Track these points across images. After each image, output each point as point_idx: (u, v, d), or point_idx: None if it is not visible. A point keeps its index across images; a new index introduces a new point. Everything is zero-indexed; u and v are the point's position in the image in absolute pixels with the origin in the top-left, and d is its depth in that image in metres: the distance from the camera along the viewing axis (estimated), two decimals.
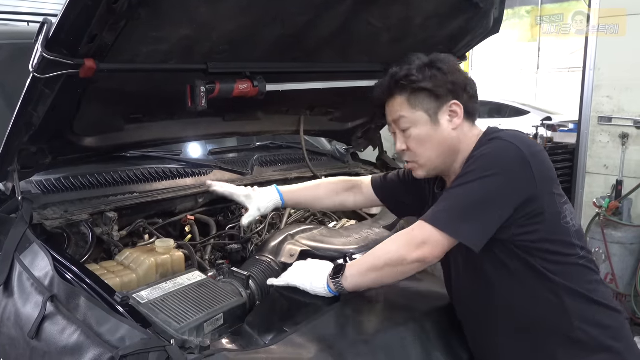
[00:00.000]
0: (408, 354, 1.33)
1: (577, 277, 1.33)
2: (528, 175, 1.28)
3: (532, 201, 1.28)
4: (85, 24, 1.30)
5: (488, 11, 2.21)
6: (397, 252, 1.31)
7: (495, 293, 1.37)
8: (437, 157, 1.43)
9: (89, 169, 1.94)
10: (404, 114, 1.42)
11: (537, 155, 1.31)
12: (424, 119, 1.41)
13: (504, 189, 1.27)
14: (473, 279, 1.41)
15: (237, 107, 2.14)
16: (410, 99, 1.41)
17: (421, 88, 1.39)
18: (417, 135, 1.42)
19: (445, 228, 1.27)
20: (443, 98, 1.39)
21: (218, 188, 1.80)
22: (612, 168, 3.82)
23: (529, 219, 1.29)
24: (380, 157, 2.93)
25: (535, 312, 1.34)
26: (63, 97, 1.49)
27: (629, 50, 3.62)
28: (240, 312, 1.43)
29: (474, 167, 1.31)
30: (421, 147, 1.43)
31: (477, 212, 1.28)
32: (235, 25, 1.63)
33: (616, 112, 3.75)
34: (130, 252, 1.64)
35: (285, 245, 1.75)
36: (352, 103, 2.57)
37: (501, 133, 1.38)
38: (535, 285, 1.32)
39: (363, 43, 2.07)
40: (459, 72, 1.43)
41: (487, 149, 1.33)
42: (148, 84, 1.75)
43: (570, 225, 1.34)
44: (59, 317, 1.28)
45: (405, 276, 1.36)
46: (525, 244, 1.30)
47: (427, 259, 1.29)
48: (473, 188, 1.29)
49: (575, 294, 1.32)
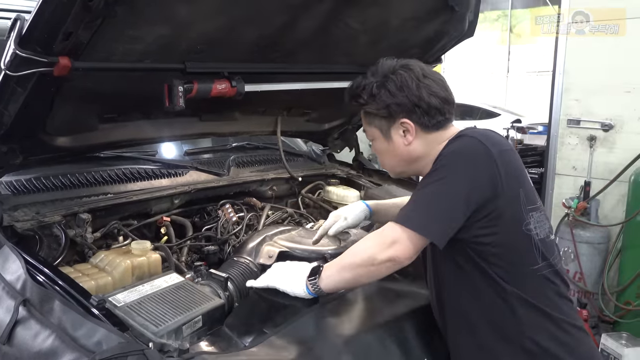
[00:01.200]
0: (388, 355, 1.34)
1: (533, 288, 1.33)
2: (493, 172, 1.28)
3: (495, 199, 1.28)
4: (60, 21, 1.27)
5: (463, 14, 2.24)
6: (367, 252, 1.32)
7: (450, 293, 1.39)
8: (397, 166, 1.52)
9: (61, 170, 1.89)
10: (365, 127, 1.52)
11: (504, 153, 1.33)
12: (378, 135, 1.48)
13: (469, 184, 1.28)
14: (436, 279, 1.43)
15: (213, 108, 2.12)
16: (365, 116, 1.49)
17: (367, 111, 1.46)
18: (376, 148, 1.51)
19: (413, 226, 1.28)
20: (392, 117, 1.42)
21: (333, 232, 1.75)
22: (580, 169, 3.91)
23: (489, 220, 1.29)
24: (357, 158, 2.94)
25: (484, 316, 1.34)
26: (36, 96, 1.46)
27: (597, 54, 3.71)
28: (218, 314, 1.41)
29: (439, 165, 1.33)
30: (382, 158, 1.54)
31: (442, 208, 1.29)
32: (212, 25, 1.62)
33: (584, 115, 3.84)
34: (105, 254, 1.60)
35: (264, 246, 1.74)
36: (329, 104, 2.58)
37: (469, 130, 1.39)
38: (485, 290, 1.33)
39: (341, 45, 2.08)
40: (409, 88, 1.40)
41: (453, 146, 1.35)
42: (123, 83, 1.72)
43: (533, 234, 1.33)
44: (32, 322, 1.24)
45: (379, 277, 1.35)
46: (482, 248, 1.31)
47: (398, 258, 1.29)
48: (440, 186, 1.30)
49: (530, 306, 1.31)
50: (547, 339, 1.31)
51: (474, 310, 1.36)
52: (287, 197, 2.58)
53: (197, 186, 2.18)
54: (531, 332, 1.31)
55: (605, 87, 3.73)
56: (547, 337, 1.31)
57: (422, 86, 1.40)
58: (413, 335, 1.43)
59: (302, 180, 2.59)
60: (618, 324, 3.55)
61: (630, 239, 3.57)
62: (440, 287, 1.43)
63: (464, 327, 1.38)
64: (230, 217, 2.11)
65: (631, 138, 3.67)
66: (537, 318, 1.32)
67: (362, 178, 2.80)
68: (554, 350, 1.31)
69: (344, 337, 1.32)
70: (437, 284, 1.45)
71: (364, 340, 1.33)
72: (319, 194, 2.59)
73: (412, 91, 1.39)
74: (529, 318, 1.31)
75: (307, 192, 2.59)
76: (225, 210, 2.15)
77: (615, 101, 3.70)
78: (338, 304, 1.44)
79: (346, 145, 2.96)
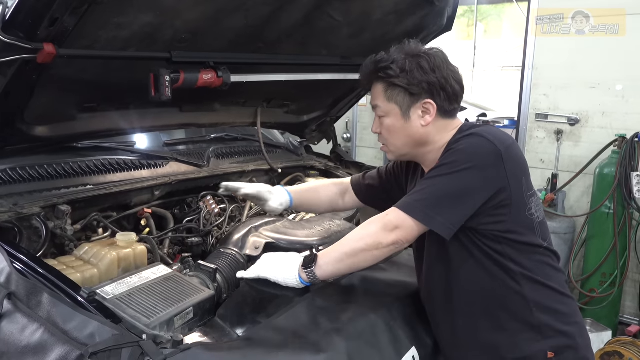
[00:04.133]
0: (378, 340, 1.37)
1: (537, 265, 1.40)
2: (500, 170, 1.33)
3: (502, 193, 1.34)
4: (47, 7, 1.23)
5: (442, 9, 2.28)
6: (373, 237, 1.36)
7: (459, 277, 1.43)
8: (404, 147, 1.50)
9: (39, 160, 1.84)
10: (379, 103, 1.48)
11: (510, 148, 1.37)
12: (396, 112, 1.45)
13: (477, 182, 1.33)
14: (440, 263, 1.46)
15: (194, 99, 2.09)
16: (387, 91, 1.45)
17: (394, 84, 1.43)
18: (388, 125, 1.48)
19: (418, 216, 1.33)
20: (417, 96, 1.43)
21: (247, 190, 1.78)
22: (547, 162, 4.04)
23: (496, 209, 1.35)
24: (334, 150, 2.96)
25: (495, 297, 1.40)
26: (16, 83, 1.41)
27: (565, 51, 3.83)
28: (209, 306, 1.40)
29: (450, 160, 1.35)
30: (391, 136, 1.49)
31: (450, 203, 1.33)
32: (198, 13, 1.60)
33: (552, 110, 3.96)
34: (90, 247, 1.57)
35: (250, 237, 1.74)
36: (309, 96, 2.59)
37: (477, 129, 1.42)
38: (496, 272, 1.38)
39: (323, 36, 2.09)
40: (440, 70, 1.42)
41: (463, 143, 1.37)
42: (105, 72, 1.68)
43: (535, 217, 1.41)
44: (18, 315, 1.21)
45: (380, 260, 1.40)
46: (493, 232, 1.36)
47: (400, 241, 1.35)
48: (448, 180, 1.34)
49: (534, 281, 1.39)
50: (548, 312, 1.39)
51: (487, 294, 1.40)
52: None
53: (178, 177, 2.15)
54: (536, 307, 1.38)
55: (571, 83, 3.85)
56: (548, 311, 1.39)
57: (450, 71, 1.44)
58: (401, 321, 1.46)
59: (282, 172, 2.59)
60: (583, 310, 3.67)
61: (595, 229, 3.72)
62: (445, 273, 1.45)
63: (477, 311, 1.42)
64: (212, 208, 2.10)
65: (595, 132, 3.81)
66: (539, 291, 1.39)
67: (340, 170, 2.82)
68: (557, 324, 1.39)
69: (336, 324, 1.33)
70: (439, 268, 1.47)
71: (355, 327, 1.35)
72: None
73: (443, 73, 1.42)
74: (533, 293, 1.38)
75: (286, 183, 2.59)
76: (207, 202, 2.13)
77: (581, 96, 3.83)
78: (329, 292, 1.45)
79: (324, 137, 2.97)
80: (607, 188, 3.55)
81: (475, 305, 1.43)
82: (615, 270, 3.60)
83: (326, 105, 2.74)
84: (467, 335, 1.45)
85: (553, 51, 3.88)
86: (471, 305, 1.43)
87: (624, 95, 3.66)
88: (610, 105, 3.72)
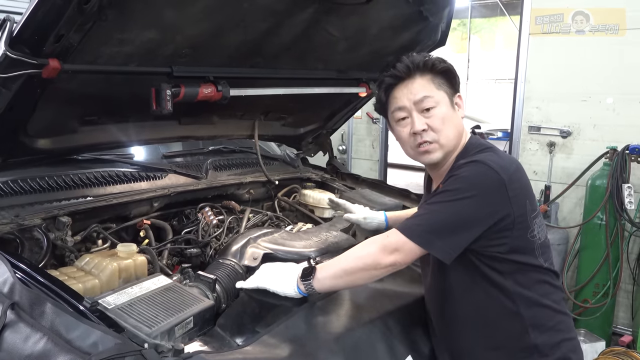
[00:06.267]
0: (375, 349, 1.39)
1: (535, 283, 1.41)
2: (503, 198, 1.34)
3: (505, 219, 1.35)
4: (53, 24, 1.27)
5: (436, 25, 2.33)
6: (372, 257, 1.37)
7: (453, 294, 1.45)
8: (454, 138, 1.47)
9: (40, 172, 1.87)
10: (428, 93, 1.45)
11: (514, 175, 1.37)
12: (446, 100, 1.47)
13: (479, 211, 1.34)
14: (440, 281, 1.48)
15: (193, 112, 2.13)
16: (434, 79, 1.47)
17: (444, 70, 1.47)
18: (441, 114, 1.45)
19: (418, 240, 1.35)
20: (455, 87, 1.50)
21: (352, 217, 2.03)
22: (540, 174, 4.09)
23: (498, 232, 1.36)
24: (330, 162, 3.00)
25: (490, 316, 1.42)
26: (21, 97, 1.44)
27: (557, 65, 3.90)
28: (208, 315, 1.43)
29: (453, 187, 1.36)
30: (444, 126, 1.45)
31: (451, 230, 1.34)
32: (199, 29, 1.64)
33: (544, 122, 4.02)
34: (91, 257, 1.59)
35: (248, 248, 1.76)
36: (305, 109, 2.63)
37: (482, 155, 1.42)
38: (492, 291, 1.40)
39: (320, 51, 2.13)
40: None
41: (466, 170, 1.37)
42: (107, 86, 1.72)
43: (536, 239, 1.41)
44: (21, 325, 1.22)
45: (377, 279, 1.43)
46: (493, 253, 1.38)
47: (399, 263, 1.37)
48: (450, 207, 1.35)
49: (530, 301, 1.40)
50: (545, 330, 1.40)
51: (482, 312, 1.42)
52: (263, 200, 2.61)
53: (177, 189, 2.18)
54: (531, 326, 1.39)
55: (563, 96, 3.92)
56: (544, 329, 1.40)
57: None
58: (397, 330, 1.49)
59: (279, 184, 2.62)
60: (577, 321, 3.71)
61: (588, 240, 3.76)
62: (444, 295, 1.47)
63: (476, 331, 1.44)
64: (211, 220, 2.12)
65: (587, 144, 3.87)
66: (535, 311, 1.40)
67: (336, 181, 2.86)
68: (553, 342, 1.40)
69: (334, 334, 1.36)
70: (440, 290, 1.49)
71: (352, 336, 1.38)
72: (294, 197, 2.63)
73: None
74: (529, 313, 1.39)
75: (282, 195, 2.63)
76: (205, 214, 2.16)
77: (572, 109, 3.89)
78: (327, 302, 1.48)
79: (320, 150, 3.01)
80: (599, 199, 3.60)
81: (469, 322, 1.45)
82: (608, 281, 3.64)
83: (322, 118, 2.79)
84: (463, 350, 1.48)
85: (545, 64, 3.95)
86: (465, 322, 1.46)
87: (614, 108, 3.73)
88: (601, 117, 3.79)
